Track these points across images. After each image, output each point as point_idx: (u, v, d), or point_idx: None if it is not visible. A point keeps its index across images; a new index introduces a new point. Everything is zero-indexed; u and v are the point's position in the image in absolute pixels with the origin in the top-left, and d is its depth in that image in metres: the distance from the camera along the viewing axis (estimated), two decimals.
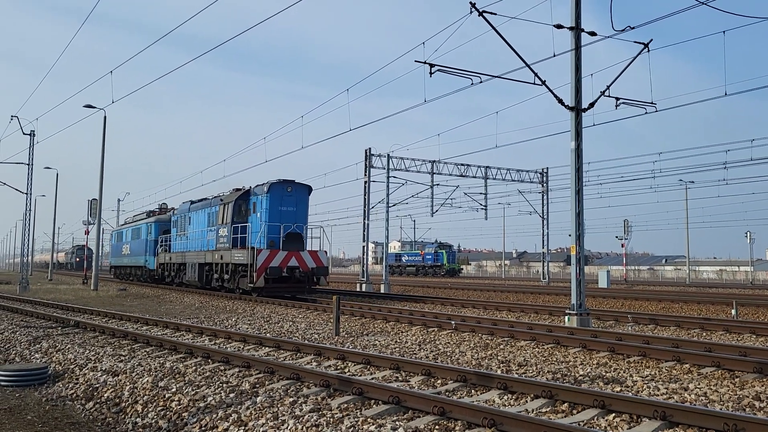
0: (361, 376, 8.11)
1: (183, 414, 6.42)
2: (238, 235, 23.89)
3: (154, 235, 36.30)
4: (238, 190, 25.65)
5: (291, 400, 6.62)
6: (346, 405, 6.42)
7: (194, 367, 8.73)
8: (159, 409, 6.71)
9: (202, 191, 38.92)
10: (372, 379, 7.81)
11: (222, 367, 8.67)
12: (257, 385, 7.46)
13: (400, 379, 7.90)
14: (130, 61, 21.88)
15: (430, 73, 16.31)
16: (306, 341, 11.28)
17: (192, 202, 30.54)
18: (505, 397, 6.81)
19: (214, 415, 6.22)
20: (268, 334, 12.55)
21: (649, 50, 16.71)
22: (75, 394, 7.80)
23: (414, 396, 6.30)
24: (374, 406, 6.39)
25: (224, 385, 7.51)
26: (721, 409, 6.31)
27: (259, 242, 22.68)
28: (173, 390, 7.32)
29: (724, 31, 15.98)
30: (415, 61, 15.95)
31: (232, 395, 6.95)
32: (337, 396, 6.81)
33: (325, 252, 23.72)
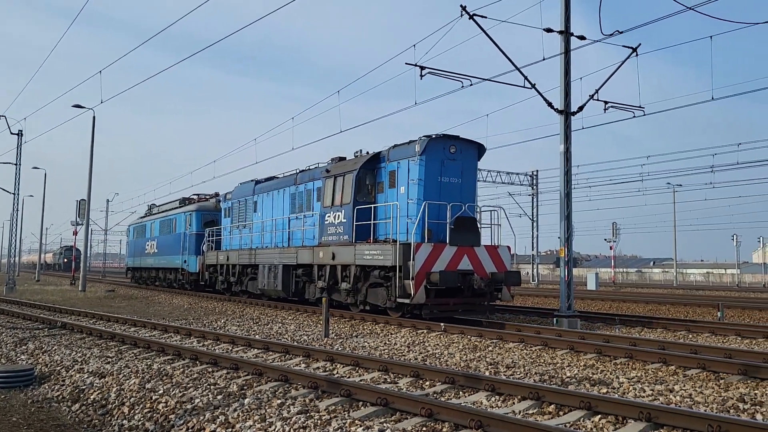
0: (349, 377, 8.11)
1: (170, 416, 6.40)
2: (365, 222, 16.06)
3: (195, 227, 28.35)
4: (342, 158, 18.27)
5: (279, 401, 6.62)
6: (334, 407, 6.43)
7: (182, 369, 8.70)
8: (146, 411, 6.68)
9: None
10: (360, 380, 7.82)
11: (210, 369, 8.65)
12: (245, 387, 7.45)
13: (388, 380, 7.91)
14: (120, 62, 21.66)
15: (421, 76, 16.33)
16: (295, 343, 11.27)
17: (258, 182, 23.15)
18: (493, 399, 6.84)
19: (202, 417, 6.21)
20: (257, 336, 12.53)
21: (637, 54, 16.86)
22: (61, 396, 7.76)
23: (402, 398, 6.32)
24: (362, 407, 6.40)
25: (212, 386, 7.50)
26: (705, 410, 6.36)
27: (405, 232, 14.97)
28: (160, 392, 7.29)
29: (711, 36, 16.10)
30: (406, 63, 15.97)
31: (219, 397, 6.94)
32: (326, 398, 6.81)
33: (509, 249, 15.91)
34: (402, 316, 14.85)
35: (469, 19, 15.52)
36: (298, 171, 20.44)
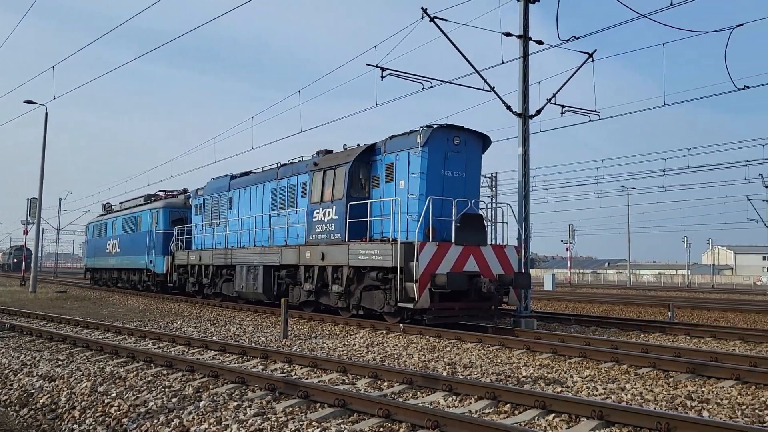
0: (307, 379, 8.08)
1: (122, 420, 6.27)
2: (359, 219, 14.61)
3: (163, 225, 26.67)
4: (329, 151, 16.96)
5: (235, 404, 6.55)
6: (291, 408, 6.39)
7: (135, 372, 8.53)
8: (97, 414, 6.53)
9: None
10: (318, 382, 7.80)
11: (165, 372, 8.50)
12: (201, 390, 7.35)
13: (346, 381, 7.91)
14: (75, 57, 21.14)
15: (382, 77, 16.38)
16: (253, 344, 11.16)
17: (233, 176, 21.61)
18: (450, 399, 6.90)
19: (155, 420, 6.10)
20: (214, 337, 12.37)
21: (593, 60, 17.24)
22: (9, 401, 7.52)
23: (359, 398, 6.32)
24: (320, 409, 6.38)
25: (166, 389, 7.37)
26: (655, 408, 6.54)
27: (405, 230, 13.66)
28: (113, 395, 7.14)
29: (663, 44, 16.58)
30: (367, 64, 16.01)
31: (174, 400, 6.83)
32: (283, 399, 6.76)
33: (516, 249, 14.77)
34: (401, 321, 13.59)
35: (430, 21, 15.64)
36: (279, 165, 18.97)
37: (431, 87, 16.51)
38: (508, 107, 16.52)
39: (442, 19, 15.64)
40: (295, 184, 17.70)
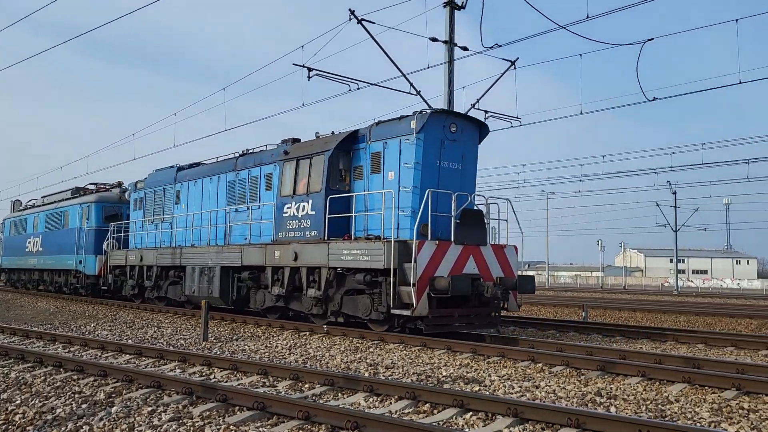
0: (226, 382, 7.93)
1: (27, 428, 5.95)
2: (340, 215, 13.31)
3: (95, 222, 24.23)
4: (296, 140, 15.49)
5: (150, 409, 6.35)
6: (208, 412, 6.26)
7: (43, 377, 8.12)
8: None
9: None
10: (238, 385, 7.67)
11: (75, 377, 8.13)
12: (113, 395, 7.08)
13: (267, 384, 7.81)
14: None
15: (308, 77, 16.30)
16: (171, 347, 10.85)
17: (180, 168, 19.83)
18: (371, 400, 6.94)
19: (63, 428, 5.82)
20: (129, 341, 11.93)
21: (515, 67, 17.73)
22: None
23: (279, 401, 6.26)
24: (238, 412, 6.27)
25: (76, 395, 7.06)
26: (566, 405, 6.81)
27: (396, 227, 12.22)
28: (17, 402, 6.77)
29: (581, 54, 17.29)
30: (293, 64, 15.89)
31: (84, 406, 6.55)
32: (200, 403, 6.61)
33: (515, 249, 13.36)
34: (389, 330, 12.28)
35: (358, 23, 15.69)
36: (237, 155, 17.35)
37: (358, 89, 16.57)
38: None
39: (370, 22, 15.72)
40: (258, 176, 16.07)
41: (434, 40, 16.62)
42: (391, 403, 6.79)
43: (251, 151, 16.97)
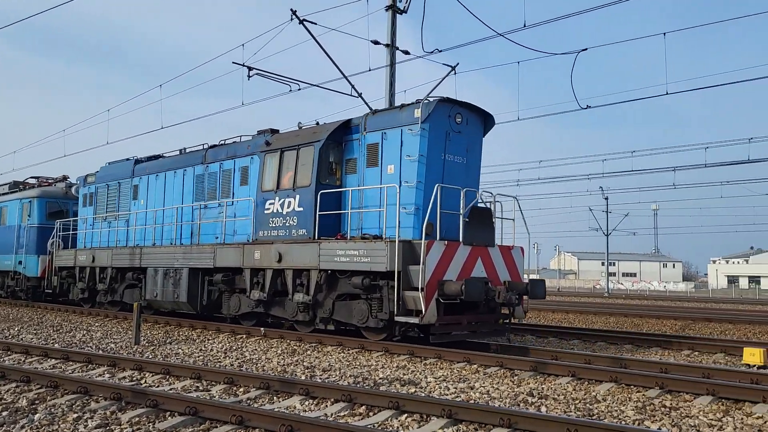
0: (158, 387, 7.73)
1: None
2: (332, 212, 12.31)
3: (37, 218, 22.04)
4: (275, 131, 14.35)
5: (75, 416, 6.12)
6: (138, 418, 6.08)
7: None
8: None
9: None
10: (170, 389, 7.49)
11: None
12: (37, 402, 6.79)
13: (200, 388, 7.65)
14: None
15: (248, 76, 16.13)
16: (100, 352, 10.49)
17: (138, 161, 18.35)
18: (307, 403, 6.90)
19: None
20: (56, 345, 11.48)
21: (456, 72, 17.99)
22: None
23: (212, 406, 6.15)
24: (169, 418, 6.12)
25: None
26: (499, 405, 6.95)
27: (396, 225, 10.92)
28: None
29: (518, 62, 17.70)
30: (233, 62, 15.68)
31: (5, 414, 6.26)
32: (129, 409, 6.41)
33: (522, 251, 12.48)
34: (389, 338, 11.34)
35: (300, 24, 15.61)
36: (207, 146, 16.05)
37: (299, 89, 16.49)
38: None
39: (312, 23, 15.68)
40: (232, 169, 14.79)
41: (376, 43, 16.69)
42: (327, 405, 6.77)
43: (223, 142, 15.74)
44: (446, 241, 10.89)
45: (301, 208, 12.54)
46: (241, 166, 14.57)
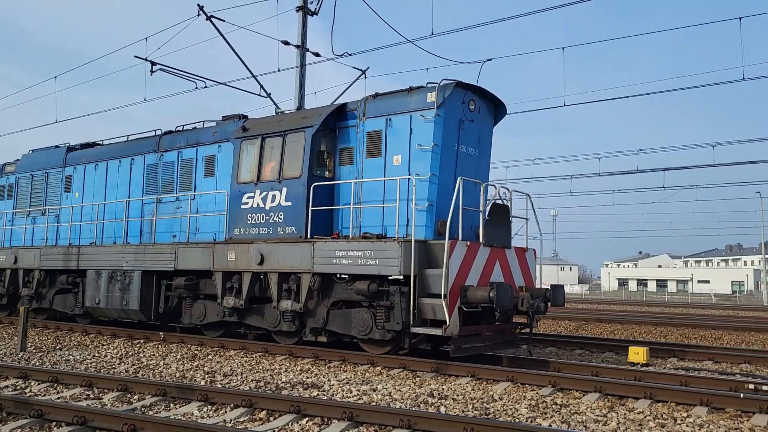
0: (44, 395, 7.29)
1: None
2: (325, 207, 11.00)
3: None
4: (243, 117, 12.91)
5: None
6: (20, 430, 5.72)
7: None
8: None
9: None
10: (58, 398, 7.09)
11: None
12: None
13: (91, 396, 7.29)
14: None
15: (151, 71, 15.57)
16: None
17: (71, 148, 16.46)
18: (205, 409, 6.73)
19: None
20: None
21: (366, 76, 18.13)
22: None
23: (102, 414, 5.88)
24: (56, 428, 5.80)
25: None
26: (400, 406, 7.05)
27: (406, 223, 10.12)
28: None
29: (427, 69, 18.08)
30: (135, 56, 15.08)
31: None
32: (11, 420, 6.02)
33: (534, 253, 11.45)
34: (393, 352, 10.12)
35: (207, 20, 15.23)
36: (161, 133, 14.29)
37: (205, 87, 16.07)
38: None
39: (219, 19, 15.33)
40: (194, 158, 13.23)
41: (286, 43, 16.55)
42: (226, 411, 6.63)
43: (181, 128, 14.17)
44: (468, 242, 9.75)
45: (289, 203, 11.10)
46: (205, 156, 13.04)
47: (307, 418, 6.32)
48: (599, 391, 7.78)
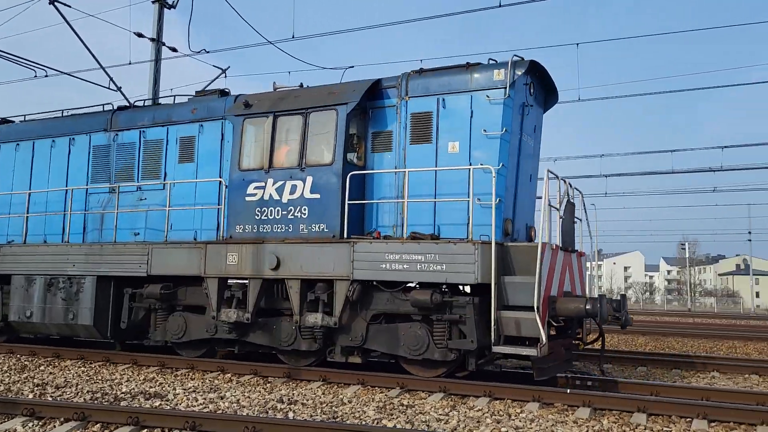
0: None
1: None
2: (359, 201, 9.50)
3: None
4: (223, 92, 11.25)
5: None
6: None
7: None
8: None
9: None
10: None
11: None
12: None
13: None
14: None
15: None
16: None
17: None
18: (31, 425, 6.19)
19: None
20: None
21: (226, 75, 17.66)
22: None
23: None
24: None
25: None
26: (248, 413, 6.92)
27: (467, 222, 8.57)
28: None
29: (289, 72, 17.98)
30: None
31: None
32: None
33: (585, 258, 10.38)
34: (449, 375, 8.80)
35: (50, 3, 14.11)
36: (113, 109, 12.14)
37: (46, 76, 14.88)
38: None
39: (65, 5, 14.26)
40: (163, 140, 11.25)
41: (140, 35, 15.77)
42: (55, 426, 6.15)
43: (141, 103, 12.26)
44: (554, 245, 8.69)
45: (317, 195, 9.38)
46: (180, 137, 11.10)
47: (146, 430, 6.02)
48: (444, 391, 8.11)
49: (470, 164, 8.92)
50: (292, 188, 9.58)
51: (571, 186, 9.62)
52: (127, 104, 12.20)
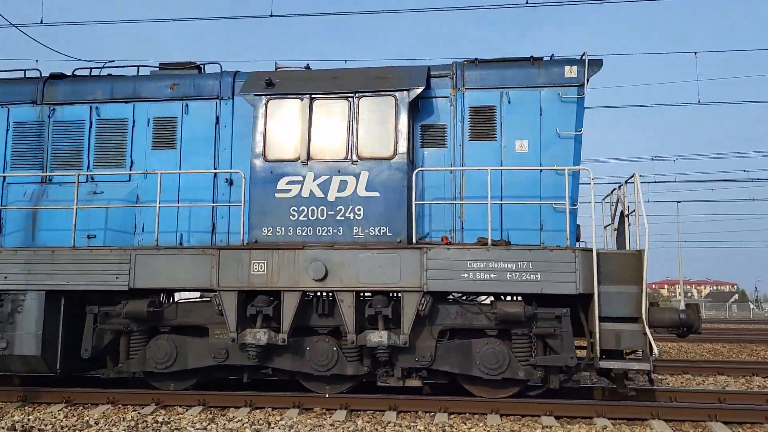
0: None
1: None
2: (443, 200, 8.40)
3: None
4: (197, 67, 9.30)
5: None
6: None
7: None
8: None
9: None
10: None
11: None
12: None
13: None
14: None
15: None
16: None
17: None
18: None
19: None
20: None
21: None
22: None
23: None
24: None
25: None
26: None
27: (539, 227, 8.25)
28: None
29: (37, 60, 16.22)
30: None
31: None
32: None
33: None
34: (519, 395, 8.06)
35: None
36: (44, 77, 9.45)
37: None
38: None
39: None
40: (129, 120, 9.12)
41: None
42: None
43: (89, 72, 9.53)
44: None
45: (375, 193, 8.18)
46: (155, 117, 9.10)
47: None
48: (202, 404, 7.91)
49: (540, 164, 8.51)
50: (342, 184, 8.31)
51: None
52: (64, 73, 9.59)
